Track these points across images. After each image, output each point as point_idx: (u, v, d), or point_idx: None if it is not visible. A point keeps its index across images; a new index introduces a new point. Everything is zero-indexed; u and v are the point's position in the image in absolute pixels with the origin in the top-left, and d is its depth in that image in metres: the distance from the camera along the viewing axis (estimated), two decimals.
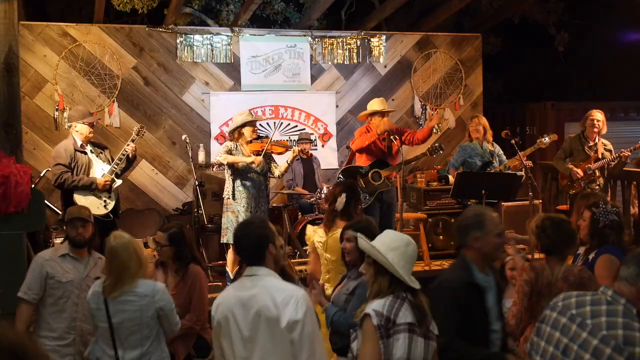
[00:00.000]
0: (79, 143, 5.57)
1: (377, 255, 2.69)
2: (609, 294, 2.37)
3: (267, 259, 2.76)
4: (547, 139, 6.65)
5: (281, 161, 6.28)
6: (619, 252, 3.56)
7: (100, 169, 5.56)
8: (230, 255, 5.99)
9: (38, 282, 3.92)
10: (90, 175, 5.51)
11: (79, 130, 5.56)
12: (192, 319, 4.10)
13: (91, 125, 5.61)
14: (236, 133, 5.90)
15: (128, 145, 5.68)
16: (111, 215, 5.56)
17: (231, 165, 5.83)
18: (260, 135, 6.18)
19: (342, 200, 4.19)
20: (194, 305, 4.11)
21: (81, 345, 3.94)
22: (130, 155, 5.68)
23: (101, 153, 5.71)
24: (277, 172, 6.06)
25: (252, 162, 5.76)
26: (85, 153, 5.57)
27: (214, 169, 7.72)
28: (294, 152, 6.02)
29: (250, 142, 5.92)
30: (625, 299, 2.33)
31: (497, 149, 6.84)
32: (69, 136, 5.68)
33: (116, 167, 5.58)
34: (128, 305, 3.41)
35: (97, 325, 3.47)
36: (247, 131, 5.87)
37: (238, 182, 5.83)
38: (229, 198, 5.85)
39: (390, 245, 2.71)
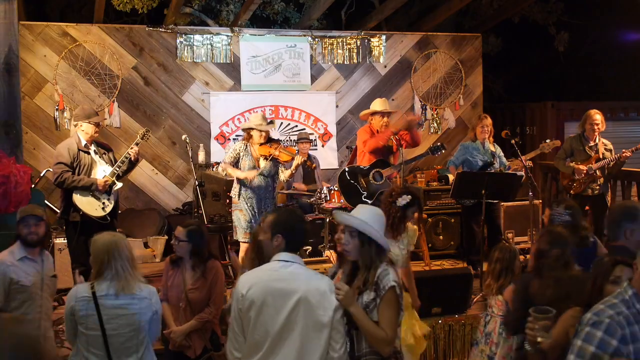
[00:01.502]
0: (83, 142, 5.51)
1: (366, 227, 2.93)
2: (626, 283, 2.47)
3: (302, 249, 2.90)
4: (549, 143, 6.66)
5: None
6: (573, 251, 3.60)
7: (102, 171, 5.52)
8: (241, 252, 6.00)
9: (1, 289, 3.85)
10: (92, 176, 5.48)
11: (85, 130, 5.50)
12: (212, 312, 4.15)
13: (97, 125, 5.56)
14: (246, 134, 6.00)
15: (132, 148, 5.66)
16: (108, 218, 5.51)
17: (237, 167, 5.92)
18: (272, 138, 6.19)
19: (406, 198, 4.14)
20: (214, 299, 4.15)
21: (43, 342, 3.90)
22: (132, 159, 5.66)
23: (105, 154, 5.65)
24: (282, 177, 6.17)
25: (245, 178, 5.85)
26: (89, 153, 5.53)
27: (214, 169, 7.72)
28: (297, 161, 6.09)
29: (261, 144, 5.98)
30: (630, 285, 2.40)
31: (498, 150, 6.84)
32: (74, 135, 5.64)
33: (118, 169, 5.55)
34: (126, 310, 3.25)
35: (85, 333, 3.23)
36: (255, 134, 5.96)
37: (243, 183, 5.93)
38: (235, 197, 5.96)
39: (371, 217, 3.00)
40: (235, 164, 5.98)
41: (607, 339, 2.28)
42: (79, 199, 5.39)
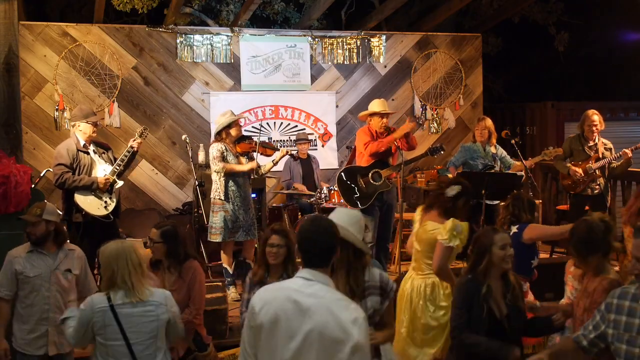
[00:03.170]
0: (82, 143, 5.52)
1: (344, 232, 2.87)
2: None
3: (329, 263, 2.55)
4: (551, 150, 6.68)
5: (264, 161, 6.41)
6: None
7: (102, 170, 5.53)
8: (228, 251, 6.10)
9: (8, 279, 4.00)
10: (92, 176, 5.49)
11: (83, 130, 5.50)
12: (192, 312, 4.11)
13: (95, 124, 5.56)
14: (224, 133, 6.04)
15: (134, 140, 5.66)
16: (111, 217, 5.53)
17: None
18: (245, 135, 6.29)
19: (454, 188, 4.11)
20: (193, 299, 4.11)
21: (55, 336, 3.99)
22: (136, 149, 5.67)
23: (104, 153, 5.66)
24: (260, 172, 6.25)
25: (251, 168, 5.98)
26: (88, 153, 5.53)
27: None
28: (282, 153, 6.22)
29: (238, 142, 6.06)
30: None
31: (500, 152, 6.82)
32: (72, 135, 5.64)
33: (118, 167, 5.56)
34: (145, 318, 3.24)
35: (105, 344, 3.19)
36: (234, 131, 6.03)
37: (230, 183, 5.99)
38: (220, 198, 5.98)
39: (350, 221, 3.00)
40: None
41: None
42: (80, 199, 5.40)
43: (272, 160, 6.25)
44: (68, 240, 4.29)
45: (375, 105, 6.32)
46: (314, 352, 2.35)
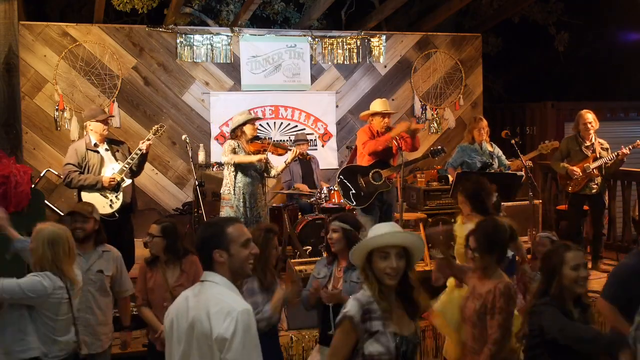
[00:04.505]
0: (93, 142, 5.67)
1: (421, 246, 2.65)
2: None
3: (215, 265, 2.47)
4: (548, 143, 6.69)
5: (277, 162, 6.40)
6: None
7: (111, 169, 5.67)
8: None
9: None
10: (101, 174, 5.60)
11: (94, 129, 5.66)
12: None
13: (105, 122, 5.69)
14: (238, 131, 6.03)
15: (143, 143, 5.72)
16: (116, 215, 5.60)
17: (237, 164, 5.92)
18: (259, 135, 6.30)
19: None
20: None
21: (87, 334, 4.01)
22: (145, 152, 5.73)
23: (117, 151, 5.78)
24: (273, 172, 6.25)
25: (259, 160, 5.93)
26: (98, 152, 5.65)
27: (214, 169, 7.73)
28: (293, 153, 6.15)
29: (251, 141, 6.04)
30: None
31: (497, 150, 6.84)
32: (85, 136, 5.80)
33: (127, 166, 5.65)
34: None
35: (55, 319, 3.43)
36: (248, 129, 6.02)
37: (239, 179, 5.96)
38: (229, 193, 5.96)
39: (391, 226, 2.71)
40: None
41: None
42: (86, 197, 5.57)
43: (285, 161, 6.23)
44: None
45: (377, 105, 6.32)
46: (196, 351, 2.38)
